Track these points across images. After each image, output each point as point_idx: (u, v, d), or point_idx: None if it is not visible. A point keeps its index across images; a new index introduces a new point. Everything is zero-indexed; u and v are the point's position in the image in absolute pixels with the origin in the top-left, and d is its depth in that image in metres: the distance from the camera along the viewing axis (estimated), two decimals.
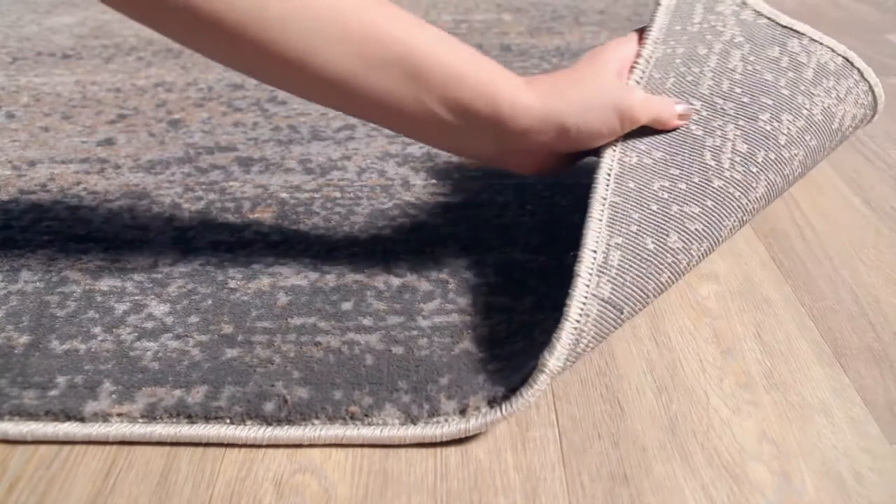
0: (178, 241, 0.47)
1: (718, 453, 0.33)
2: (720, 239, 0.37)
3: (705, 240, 0.37)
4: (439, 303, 0.41)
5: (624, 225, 0.36)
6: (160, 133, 0.62)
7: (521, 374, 0.34)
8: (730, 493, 0.31)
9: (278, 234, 0.48)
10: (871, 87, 0.45)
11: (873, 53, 0.80)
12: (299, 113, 0.65)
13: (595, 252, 0.35)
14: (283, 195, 0.52)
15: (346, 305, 0.41)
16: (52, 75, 0.75)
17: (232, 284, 0.43)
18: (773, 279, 0.44)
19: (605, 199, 0.37)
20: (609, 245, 0.35)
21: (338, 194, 0.52)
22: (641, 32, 0.44)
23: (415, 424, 0.34)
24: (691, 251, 0.36)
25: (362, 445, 0.34)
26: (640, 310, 0.35)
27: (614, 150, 0.39)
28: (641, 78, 0.42)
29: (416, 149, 0.59)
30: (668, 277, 0.36)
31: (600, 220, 0.36)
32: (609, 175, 0.38)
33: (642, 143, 0.40)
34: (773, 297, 0.43)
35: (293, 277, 0.43)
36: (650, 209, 0.37)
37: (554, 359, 0.32)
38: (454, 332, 0.39)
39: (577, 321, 0.33)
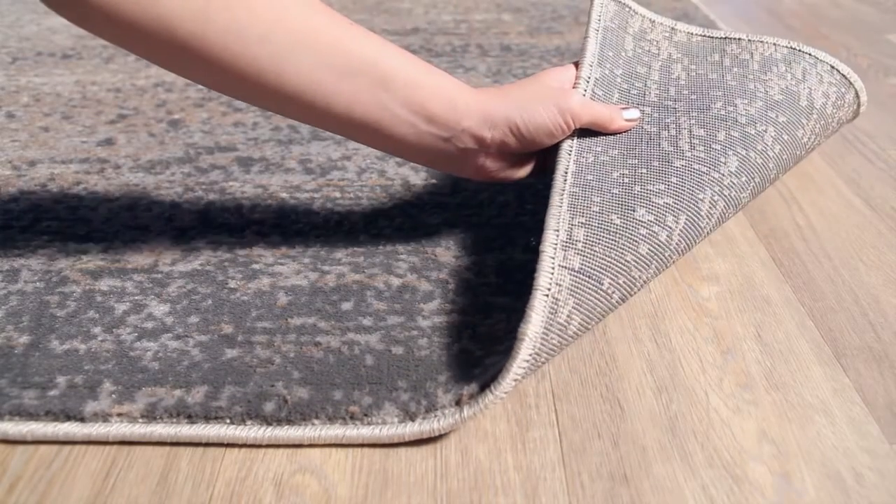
0: (178, 241, 0.47)
1: (718, 453, 0.33)
2: (700, 212, 0.37)
3: (682, 212, 0.37)
4: (439, 303, 0.41)
5: (585, 207, 0.37)
6: (160, 133, 0.62)
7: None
8: (730, 493, 0.31)
9: (278, 234, 0.48)
10: (832, 66, 0.45)
11: (873, 53, 0.80)
12: None
13: (557, 231, 0.35)
14: (283, 195, 0.52)
15: (346, 305, 0.41)
16: (52, 75, 0.75)
17: (232, 284, 0.43)
18: (774, 279, 0.44)
19: (563, 191, 0.38)
20: (572, 224, 0.36)
21: (338, 194, 0.52)
22: (577, 64, 0.45)
23: (413, 421, 0.34)
24: (667, 223, 0.36)
25: (362, 445, 0.34)
26: (625, 283, 0.35)
27: (570, 153, 0.40)
28: (584, 95, 0.43)
29: None
30: (649, 250, 0.35)
31: (560, 207, 0.37)
32: (566, 173, 0.39)
33: (598, 145, 0.41)
34: (774, 298, 0.43)
35: (293, 277, 0.43)
36: (611, 193, 0.37)
37: (531, 326, 0.32)
38: (454, 332, 0.39)
39: (548, 289, 0.33)
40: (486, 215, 0.50)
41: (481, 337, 0.39)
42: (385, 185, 0.53)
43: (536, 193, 0.52)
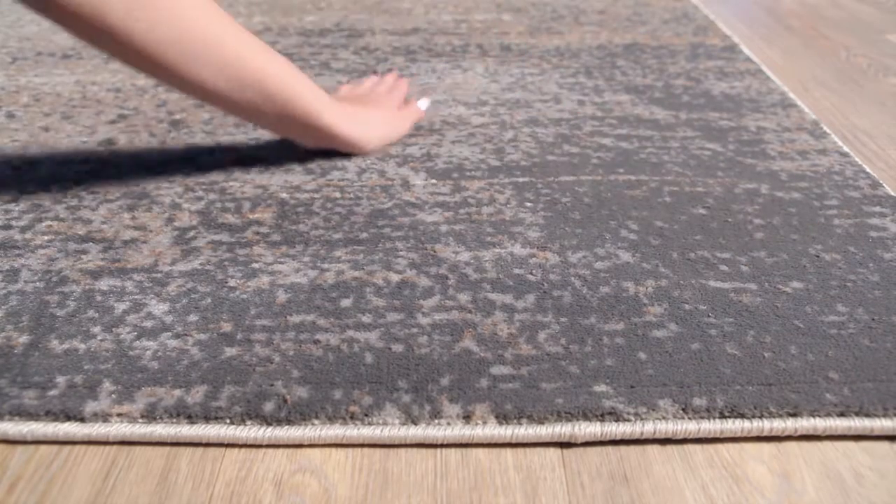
0: (178, 241, 0.47)
1: (718, 453, 0.33)
2: None
3: None
4: (439, 299, 0.41)
5: None
6: (161, 133, 0.62)
7: (532, 396, 0.35)
8: (730, 493, 0.31)
9: (278, 234, 0.48)
10: None
11: (873, 53, 0.80)
12: None
13: None
14: (283, 195, 0.52)
15: (346, 302, 0.41)
16: (52, 75, 0.75)
17: (231, 283, 0.43)
18: None
19: None
20: None
21: (338, 194, 0.52)
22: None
23: (416, 425, 0.34)
24: None
25: (362, 445, 0.34)
26: None
27: None
28: None
29: (416, 149, 0.59)
30: None
31: None
32: None
33: None
34: None
35: (292, 275, 0.43)
36: None
37: None
38: (454, 329, 0.39)
39: None
40: (486, 213, 0.50)
41: (482, 337, 0.39)
42: (385, 185, 0.53)
43: (536, 191, 0.52)
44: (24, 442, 0.34)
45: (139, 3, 0.40)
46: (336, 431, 0.34)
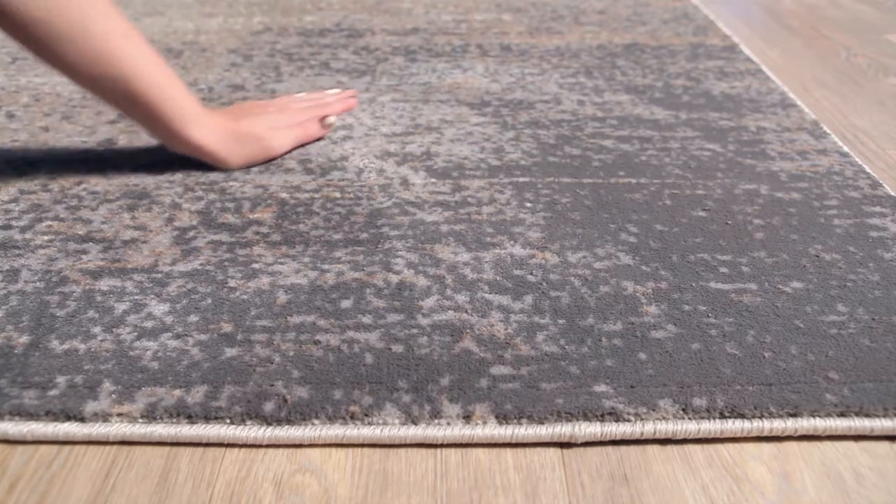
0: (178, 241, 0.47)
1: (718, 453, 0.33)
2: None
3: None
4: (438, 300, 0.41)
5: None
6: None
7: (532, 396, 0.35)
8: (730, 493, 0.31)
9: (278, 234, 0.48)
10: None
11: (873, 53, 0.80)
12: None
13: None
14: (283, 195, 0.52)
15: (346, 303, 0.41)
16: (52, 75, 0.75)
17: (231, 284, 0.43)
18: None
19: None
20: None
21: (338, 194, 0.52)
22: None
23: (416, 425, 0.34)
24: None
25: (362, 445, 0.34)
26: None
27: None
28: None
29: (415, 147, 0.59)
30: None
31: None
32: None
33: None
34: None
35: (293, 276, 0.43)
36: None
37: None
38: (454, 330, 0.39)
39: None
40: (486, 213, 0.50)
41: (481, 337, 0.39)
42: (384, 185, 0.53)
43: (536, 192, 0.52)
44: (24, 442, 0.34)
45: None
46: (336, 431, 0.34)
